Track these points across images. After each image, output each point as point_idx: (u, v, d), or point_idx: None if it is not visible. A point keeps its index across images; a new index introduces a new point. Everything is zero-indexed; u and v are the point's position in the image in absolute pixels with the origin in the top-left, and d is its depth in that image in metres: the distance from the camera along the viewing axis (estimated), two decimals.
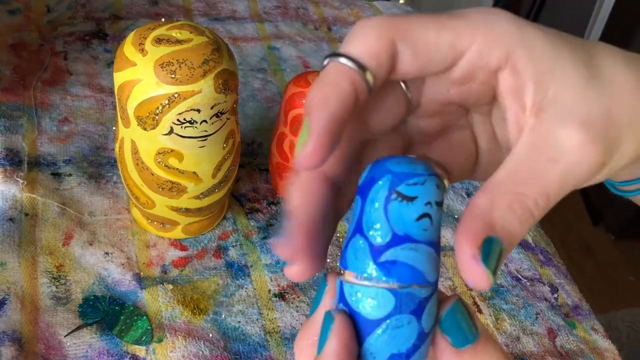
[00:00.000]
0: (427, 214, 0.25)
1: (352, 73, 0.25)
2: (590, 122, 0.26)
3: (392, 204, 0.25)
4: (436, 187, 0.25)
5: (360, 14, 0.94)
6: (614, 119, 0.27)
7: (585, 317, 0.61)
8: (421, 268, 0.25)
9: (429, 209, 0.25)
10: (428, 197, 0.25)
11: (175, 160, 0.51)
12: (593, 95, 0.27)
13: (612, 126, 0.26)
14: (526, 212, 0.25)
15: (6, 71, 0.69)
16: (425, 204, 0.25)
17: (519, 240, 0.25)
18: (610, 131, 0.26)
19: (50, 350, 0.48)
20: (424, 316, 0.25)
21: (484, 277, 0.24)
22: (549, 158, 0.26)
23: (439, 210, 0.25)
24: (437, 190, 0.25)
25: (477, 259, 0.24)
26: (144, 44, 0.48)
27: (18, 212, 0.56)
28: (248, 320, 0.54)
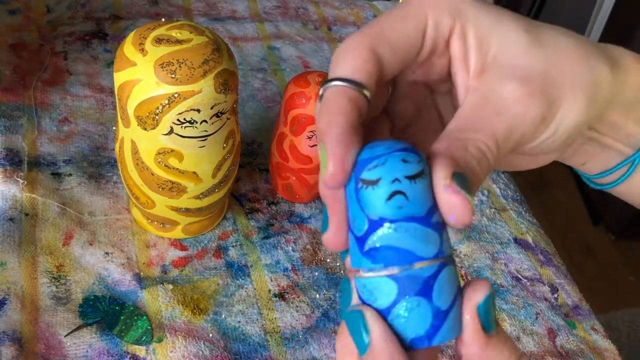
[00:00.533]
0: (397, 191, 0.24)
1: (348, 91, 0.27)
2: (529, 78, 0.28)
3: (360, 193, 0.25)
4: (401, 162, 0.25)
5: (360, 14, 0.94)
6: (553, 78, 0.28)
7: (585, 317, 0.61)
8: (407, 246, 0.25)
9: (398, 185, 0.24)
10: (393, 175, 0.24)
11: (175, 160, 0.51)
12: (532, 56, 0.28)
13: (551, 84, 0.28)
14: (480, 153, 0.26)
15: (6, 71, 0.69)
16: (391, 182, 0.24)
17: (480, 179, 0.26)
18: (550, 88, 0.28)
19: (50, 350, 0.48)
20: (435, 294, 0.25)
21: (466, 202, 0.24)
22: (493, 111, 0.27)
23: (417, 181, 0.25)
24: (404, 165, 0.24)
25: (454, 187, 0.24)
26: (144, 44, 0.48)
27: (18, 212, 0.56)
28: (248, 320, 0.54)
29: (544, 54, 0.29)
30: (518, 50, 0.28)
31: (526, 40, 0.29)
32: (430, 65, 0.30)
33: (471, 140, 0.27)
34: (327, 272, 0.59)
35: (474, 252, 0.64)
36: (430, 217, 0.25)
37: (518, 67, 0.28)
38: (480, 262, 0.63)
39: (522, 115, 0.27)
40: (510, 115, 0.27)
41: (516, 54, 0.28)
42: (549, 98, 0.28)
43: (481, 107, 0.28)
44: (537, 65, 0.28)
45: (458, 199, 0.24)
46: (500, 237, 0.66)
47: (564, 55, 0.29)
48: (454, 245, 0.64)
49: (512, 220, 0.68)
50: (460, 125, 0.27)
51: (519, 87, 0.28)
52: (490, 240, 0.66)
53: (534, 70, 0.28)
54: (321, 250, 0.60)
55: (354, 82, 0.27)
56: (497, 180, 0.73)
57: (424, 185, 0.25)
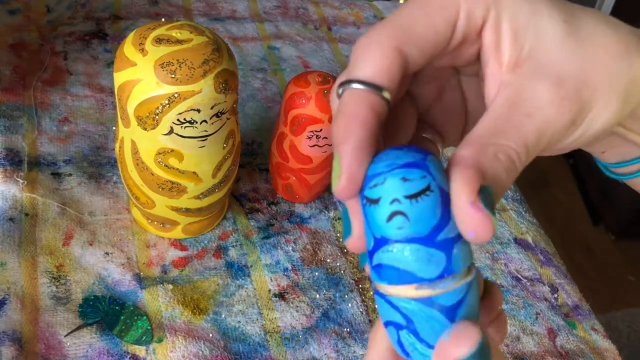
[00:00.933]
0: (397, 211, 0.24)
1: (369, 96, 0.25)
2: (564, 78, 0.26)
3: (366, 210, 0.25)
4: (401, 181, 0.24)
5: (360, 14, 0.94)
6: (587, 78, 0.27)
7: (585, 317, 0.61)
8: (407, 268, 0.24)
9: (398, 205, 0.24)
10: (392, 195, 0.24)
11: (175, 160, 0.51)
12: (568, 52, 0.27)
13: (585, 85, 0.27)
14: (510, 162, 0.25)
15: (6, 71, 0.69)
16: (390, 203, 0.24)
17: (506, 189, 0.25)
18: (583, 90, 0.27)
19: (50, 350, 0.48)
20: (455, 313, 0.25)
21: (489, 222, 0.23)
22: (525, 113, 0.26)
23: (418, 200, 0.24)
24: (404, 184, 0.23)
25: (479, 205, 0.23)
26: (144, 43, 0.48)
27: (18, 212, 0.56)
28: (248, 320, 0.54)
29: (580, 50, 0.27)
30: (554, 45, 0.27)
31: (563, 34, 0.27)
32: (459, 52, 0.29)
33: (502, 147, 0.25)
34: (327, 272, 0.59)
35: (474, 252, 0.64)
36: (435, 236, 0.24)
37: (553, 64, 0.27)
38: (481, 262, 0.63)
39: (553, 119, 0.26)
40: (542, 118, 0.26)
41: (552, 49, 0.27)
42: (582, 101, 0.27)
43: (513, 108, 0.26)
44: (573, 63, 0.27)
45: (480, 217, 0.23)
46: (500, 237, 0.66)
47: (602, 51, 0.27)
48: None
49: (512, 220, 0.68)
50: (490, 128, 0.26)
51: (553, 88, 0.26)
52: (490, 240, 0.65)
53: (569, 69, 0.27)
54: (321, 250, 0.60)
55: (376, 85, 0.25)
56: None
57: (427, 203, 0.24)
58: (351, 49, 0.28)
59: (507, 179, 0.25)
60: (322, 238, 0.61)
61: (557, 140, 0.27)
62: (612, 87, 0.27)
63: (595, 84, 0.27)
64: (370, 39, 0.26)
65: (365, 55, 0.26)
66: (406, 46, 0.26)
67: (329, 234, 0.62)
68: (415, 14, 0.26)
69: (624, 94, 0.27)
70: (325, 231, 0.62)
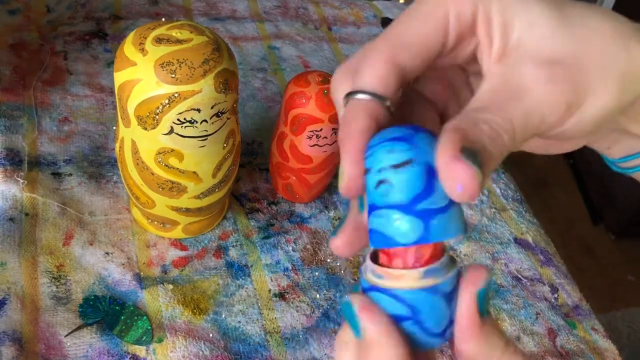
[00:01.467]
0: (382, 180, 0.26)
1: (368, 105, 0.27)
2: (554, 61, 0.27)
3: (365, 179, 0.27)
4: (386, 153, 0.26)
5: (360, 13, 0.94)
6: (580, 62, 0.27)
7: (586, 317, 0.61)
8: (388, 232, 0.26)
9: (383, 174, 0.26)
10: (378, 165, 0.26)
11: (176, 160, 0.51)
12: (559, 37, 0.27)
13: (578, 68, 0.27)
14: (493, 131, 0.26)
15: (6, 71, 0.69)
16: (378, 171, 0.26)
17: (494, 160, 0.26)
18: (578, 73, 0.27)
19: (50, 350, 0.48)
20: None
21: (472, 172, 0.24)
22: (511, 95, 0.27)
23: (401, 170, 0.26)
24: (389, 155, 0.26)
25: (461, 157, 0.24)
26: (144, 43, 0.48)
27: (18, 212, 0.56)
28: (248, 320, 0.54)
29: (572, 35, 0.27)
30: (543, 32, 0.27)
31: (553, 21, 0.27)
32: (458, 51, 0.30)
33: (485, 119, 0.26)
34: (327, 272, 0.59)
35: (474, 252, 0.64)
36: (415, 205, 0.26)
37: (543, 49, 0.27)
38: (481, 262, 0.63)
39: (543, 99, 0.26)
40: (530, 100, 0.26)
41: (541, 36, 0.27)
42: (575, 84, 0.27)
43: (498, 91, 0.27)
44: (564, 48, 0.27)
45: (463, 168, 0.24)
46: (501, 237, 0.66)
47: (596, 36, 0.27)
48: (454, 246, 0.64)
49: (512, 220, 0.68)
50: (474, 107, 0.27)
51: (541, 70, 0.26)
52: (491, 240, 0.65)
53: (561, 53, 0.27)
54: (321, 250, 0.60)
55: (374, 94, 0.27)
56: (497, 180, 0.73)
57: (409, 174, 0.26)
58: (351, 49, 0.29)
59: (494, 147, 0.25)
60: (322, 238, 0.61)
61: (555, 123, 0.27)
62: (608, 71, 0.27)
63: (589, 67, 0.27)
64: (366, 53, 0.28)
65: (364, 67, 0.28)
66: (399, 56, 0.28)
67: (329, 233, 0.62)
68: (407, 24, 0.28)
69: (621, 79, 0.27)
70: (326, 231, 0.62)
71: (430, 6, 0.28)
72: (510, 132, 0.26)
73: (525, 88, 0.27)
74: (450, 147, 0.24)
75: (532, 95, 0.26)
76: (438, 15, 0.28)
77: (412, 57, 0.28)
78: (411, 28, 0.28)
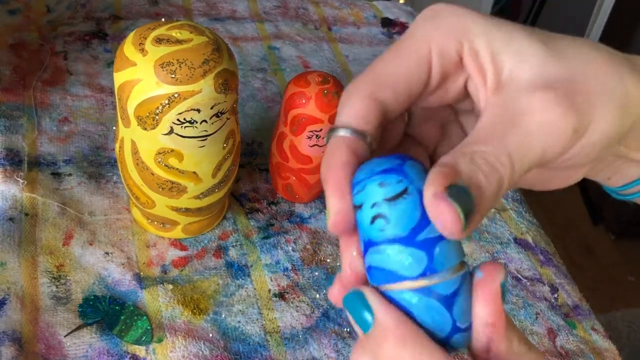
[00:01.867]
0: (377, 215, 0.25)
1: (348, 141, 0.27)
2: (553, 88, 0.26)
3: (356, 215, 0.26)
4: (378, 187, 0.25)
5: (360, 14, 0.94)
6: (579, 87, 0.26)
7: (585, 317, 0.61)
8: (390, 267, 0.25)
9: (378, 209, 0.25)
10: (371, 200, 0.25)
11: (175, 160, 0.51)
12: (552, 67, 0.27)
13: (578, 93, 0.26)
14: (489, 166, 0.25)
15: (6, 71, 0.69)
16: (371, 207, 0.25)
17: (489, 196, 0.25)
18: (577, 97, 0.26)
19: (50, 350, 0.48)
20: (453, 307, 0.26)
21: (453, 213, 0.23)
22: (509, 123, 0.26)
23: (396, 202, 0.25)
24: (381, 189, 0.25)
25: (443, 195, 0.24)
26: (144, 43, 0.48)
27: (18, 212, 0.56)
28: (248, 320, 0.54)
29: (565, 65, 0.27)
30: (536, 63, 0.27)
31: (544, 52, 0.27)
32: (445, 89, 0.29)
33: (480, 152, 0.25)
34: (327, 272, 0.59)
35: (474, 252, 0.64)
36: (414, 236, 0.25)
37: (538, 79, 0.26)
38: (480, 261, 0.63)
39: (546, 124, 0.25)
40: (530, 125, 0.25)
41: (534, 67, 0.27)
42: (579, 108, 0.26)
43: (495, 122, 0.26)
44: (560, 75, 0.26)
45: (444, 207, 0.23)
46: (500, 237, 0.66)
47: (589, 64, 0.27)
48: None
49: (512, 220, 0.68)
50: (472, 139, 0.26)
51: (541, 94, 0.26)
52: (490, 240, 0.65)
53: (557, 81, 0.26)
54: (321, 250, 0.60)
55: (354, 130, 0.27)
56: None
57: (405, 205, 0.25)
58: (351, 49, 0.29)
59: (489, 183, 0.25)
60: (322, 238, 0.61)
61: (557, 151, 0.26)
62: (608, 97, 0.26)
63: (588, 92, 0.26)
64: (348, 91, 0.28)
65: (345, 105, 0.28)
66: (380, 92, 0.28)
67: (329, 233, 0.62)
68: (388, 61, 0.28)
69: (620, 104, 0.27)
70: (325, 231, 0.62)
71: (413, 43, 0.28)
72: (507, 165, 0.25)
73: (524, 114, 0.26)
74: (434, 184, 0.24)
75: (532, 120, 0.26)
76: (420, 52, 0.28)
77: (393, 94, 0.28)
78: (393, 65, 0.28)
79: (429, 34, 0.28)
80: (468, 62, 0.28)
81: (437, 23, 0.28)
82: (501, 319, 0.25)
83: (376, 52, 0.86)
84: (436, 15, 0.28)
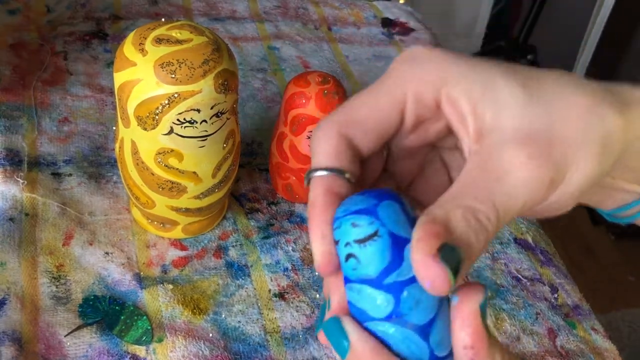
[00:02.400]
0: (350, 254, 0.25)
1: (326, 180, 0.28)
2: (531, 140, 0.26)
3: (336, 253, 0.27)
4: (351, 226, 0.25)
5: (360, 14, 0.94)
6: (557, 136, 0.26)
7: (586, 317, 0.61)
8: (360, 306, 0.26)
9: (350, 249, 0.25)
10: (345, 238, 0.26)
11: (175, 160, 0.51)
12: (532, 115, 0.27)
13: (556, 143, 0.26)
14: (479, 225, 0.25)
15: (6, 71, 0.69)
16: (345, 246, 0.26)
17: (477, 253, 0.25)
18: (555, 148, 0.26)
19: (50, 350, 0.48)
20: None
21: (443, 274, 0.24)
22: (494, 178, 0.26)
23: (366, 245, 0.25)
24: (353, 229, 0.25)
25: (436, 258, 0.24)
26: (144, 43, 0.48)
27: (18, 212, 0.56)
28: (248, 320, 0.54)
29: (545, 111, 0.27)
30: (515, 112, 0.27)
31: (523, 98, 0.27)
32: (426, 129, 0.30)
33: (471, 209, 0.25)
34: None
35: None
36: (383, 279, 0.25)
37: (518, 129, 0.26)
38: (480, 262, 0.63)
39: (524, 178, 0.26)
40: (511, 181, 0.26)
41: (514, 115, 0.27)
42: (555, 159, 0.26)
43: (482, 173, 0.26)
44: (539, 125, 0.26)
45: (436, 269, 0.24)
46: (500, 237, 0.66)
47: (569, 107, 0.27)
48: None
49: (512, 220, 0.68)
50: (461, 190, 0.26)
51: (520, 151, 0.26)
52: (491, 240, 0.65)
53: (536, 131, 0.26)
54: None
55: (330, 169, 0.28)
56: None
57: (375, 248, 0.25)
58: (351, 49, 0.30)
59: (477, 242, 0.25)
60: None
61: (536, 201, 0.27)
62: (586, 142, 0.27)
63: (567, 140, 0.26)
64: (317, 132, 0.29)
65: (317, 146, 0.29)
66: (349, 130, 0.28)
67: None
68: (361, 100, 0.29)
69: (599, 148, 0.27)
70: None
71: (388, 85, 0.29)
72: (494, 220, 0.26)
73: (505, 170, 0.26)
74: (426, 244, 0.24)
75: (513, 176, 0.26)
76: (395, 95, 0.28)
77: (362, 133, 0.28)
78: (365, 105, 0.29)
79: (405, 78, 0.28)
80: (447, 110, 0.28)
81: (414, 68, 0.28)
82: (482, 341, 0.25)
83: (376, 52, 0.86)
84: (414, 59, 0.29)
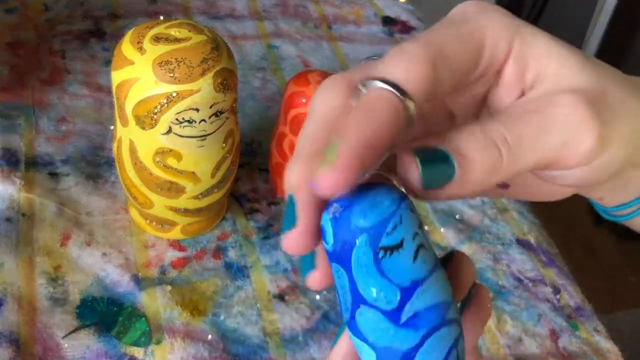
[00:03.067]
0: (419, 245, 0.23)
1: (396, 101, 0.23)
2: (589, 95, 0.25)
3: (383, 263, 0.22)
4: (410, 211, 0.23)
5: (360, 12, 0.93)
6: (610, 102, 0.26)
7: (588, 318, 0.61)
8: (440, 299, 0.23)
9: (419, 238, 0.23)
10: (412, 230, 0.23)
11: (174, 160, 0.50)
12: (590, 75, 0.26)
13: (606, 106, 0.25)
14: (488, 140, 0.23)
15: (3, 70, 0.69)
16: (413, 239, 0.23)
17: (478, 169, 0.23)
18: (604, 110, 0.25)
19: (47, 352, 0.48)
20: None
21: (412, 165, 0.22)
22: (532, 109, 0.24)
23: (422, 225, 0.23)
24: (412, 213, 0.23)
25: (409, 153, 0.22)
26: (142, 42, 0.47)
27: (15, 212, 0.56)
28: (247, 321, 0.53)
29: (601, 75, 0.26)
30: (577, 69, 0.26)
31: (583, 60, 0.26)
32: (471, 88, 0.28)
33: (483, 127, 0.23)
34: None
35: (476, 253, 0.63)
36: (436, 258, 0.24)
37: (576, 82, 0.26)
38: (482, 263, 0.63)
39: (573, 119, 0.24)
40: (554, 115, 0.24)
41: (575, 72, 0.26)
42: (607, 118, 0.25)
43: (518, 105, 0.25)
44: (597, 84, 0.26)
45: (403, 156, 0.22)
46: (502, 238, 0.66)
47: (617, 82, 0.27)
48: (456, 246, 0.64)
49: (514, 220, 0.68)
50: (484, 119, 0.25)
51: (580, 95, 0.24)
52: (492, 241, 0.65)
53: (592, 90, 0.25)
54: None
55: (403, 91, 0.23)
56: None
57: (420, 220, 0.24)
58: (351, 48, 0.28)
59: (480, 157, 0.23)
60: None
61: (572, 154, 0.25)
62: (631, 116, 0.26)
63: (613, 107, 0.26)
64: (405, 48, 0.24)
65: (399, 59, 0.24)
66: (440, 63, 0.24)
67: None
68: (449, 38, 0.25)
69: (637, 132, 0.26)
70: None
71: (471, 26, 0.26)
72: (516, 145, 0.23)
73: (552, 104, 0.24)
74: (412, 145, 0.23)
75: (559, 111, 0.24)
76: (478, 38, 0.26)
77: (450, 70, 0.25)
78: (454, 42, 0.25)
79: (484, 24, 0.26)
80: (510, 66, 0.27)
81: (491, 17, 0.27)
82: None
83: (377, 50, 0.86)
84: (485, 9, 0.27)
